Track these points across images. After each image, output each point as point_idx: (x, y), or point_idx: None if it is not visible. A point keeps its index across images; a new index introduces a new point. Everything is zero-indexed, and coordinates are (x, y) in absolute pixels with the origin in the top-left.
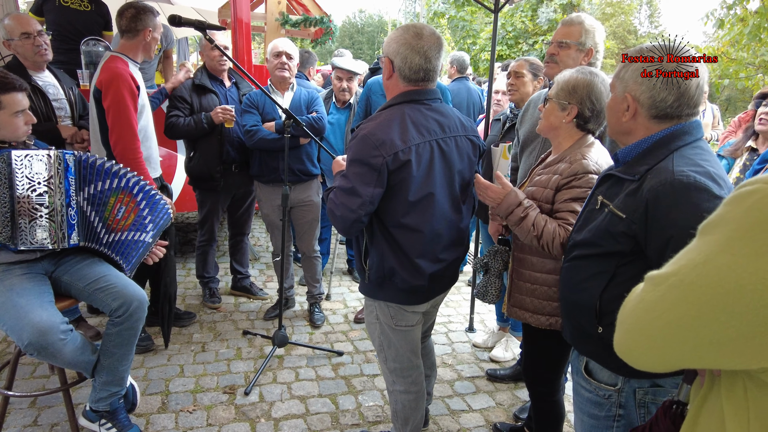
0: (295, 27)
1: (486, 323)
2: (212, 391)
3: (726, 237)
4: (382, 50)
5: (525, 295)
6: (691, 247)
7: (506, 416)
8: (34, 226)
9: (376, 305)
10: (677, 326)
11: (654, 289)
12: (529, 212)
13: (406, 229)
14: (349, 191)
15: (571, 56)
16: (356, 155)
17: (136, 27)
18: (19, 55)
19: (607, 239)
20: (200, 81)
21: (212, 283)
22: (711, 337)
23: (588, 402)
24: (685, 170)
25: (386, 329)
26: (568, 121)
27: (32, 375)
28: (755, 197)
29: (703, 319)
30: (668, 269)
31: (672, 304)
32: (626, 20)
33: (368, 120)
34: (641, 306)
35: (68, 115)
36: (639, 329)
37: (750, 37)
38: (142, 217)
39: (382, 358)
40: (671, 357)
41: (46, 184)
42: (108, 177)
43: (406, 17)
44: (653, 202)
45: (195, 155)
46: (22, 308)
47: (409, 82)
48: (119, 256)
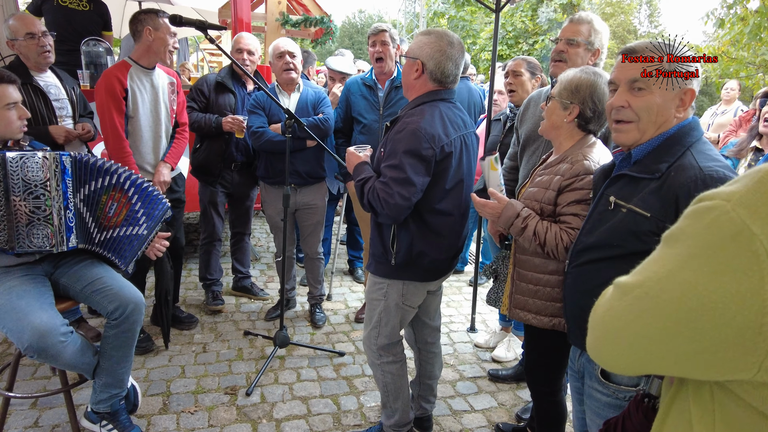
0: (296, 27)
1: (488, 323)
2: (214, 391)
3: (686, 253)
4: (410, 52)
5: (527, 296)
6: (655, 257)
7: (508, 416)
8: (33, 229)
9: (388, 283)
10: (643, 337)
11: (621, 297)
12: (528, 222)
13: (440, 214)
14: (404, 181)
15: (580, 55)
16: (409, 147)
17: (137, 28)
18: (22, 55)
19: (629, 240)
20: (222, 79)
21: (215, 285)
22: (677, 350)
23: (606, 406)
24: (711, 165)
25: (391, 306)
26: (569, 120)
27: (33, 376)
28: (713, 214)
29: (668, 332)
30: (634, 279)
31: (637, 316)
32: (626, 20)
33: (410, 115)
34: (609, 314)
35: (69, 114)
36: (608, 337)
37: (750, 36)
38: (134, 211)
39: (373, 335)
40: (640, 365)
41: (43, 187)
42: (100, 175)
43: (405, 17)
44: (685, 199)
45: (201, 147)
46: (22, 310)
47: (438, 83)
48: (112, 253)
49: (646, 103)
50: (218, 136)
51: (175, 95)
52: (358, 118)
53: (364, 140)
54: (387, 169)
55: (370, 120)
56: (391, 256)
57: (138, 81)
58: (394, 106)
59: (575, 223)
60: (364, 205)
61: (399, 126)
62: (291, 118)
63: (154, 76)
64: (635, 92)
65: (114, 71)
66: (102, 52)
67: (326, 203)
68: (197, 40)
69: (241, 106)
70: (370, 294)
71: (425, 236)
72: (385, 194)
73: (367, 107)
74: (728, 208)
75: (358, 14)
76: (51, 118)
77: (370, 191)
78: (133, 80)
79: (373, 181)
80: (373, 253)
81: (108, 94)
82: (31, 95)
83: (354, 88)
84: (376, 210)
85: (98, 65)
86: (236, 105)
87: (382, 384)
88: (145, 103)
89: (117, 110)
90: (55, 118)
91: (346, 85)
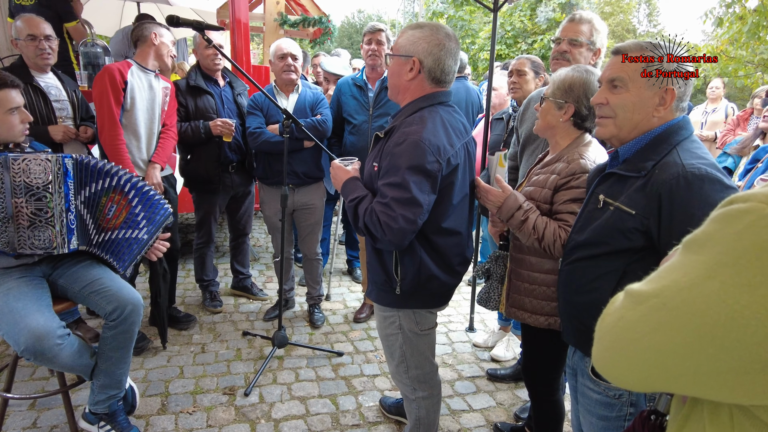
0: (294, 27)
1: (486, 323)
2: (212, 392)
3: (714, 261)
4: (400, 49)
5: (523, 295)
6: (675, 264)
7: (507, 416)
8: (35, 231)
9: (399, 315)
10: (659, 352)
11: (634, 307)
12: (529, 215)
13: (446, 233)
14: (408, 201)
15: (583, 54)
16: (412, 162)
17: (143, 33)
18: (24, 55)
19: (616, 237)
20: (195, 82)
21: (212, 286)
22: (697, 368)
23: (597, 404)
24: (695, 163)
25: (410, 337)
26: (564, 119)
27: (31, 377)
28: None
29: (689, 348)
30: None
31: (653, 328)
32: (625, 19)
33: (408, 124)
34: (621, 324)
35: (70, 116)
36: (618, 349)
37: (749, 35)
38: (134, 214)
39: (402, 369)
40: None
41: (45, 189)
42: (101, 177)
43: (405, 17)
44: (667, 196)
45: (192, 157)
46: (19, 313)
47: (436, 83)
48: (110, 255)
49: (621, 100)
50: (209, 141)
51: (167, 98)
52: (349, 119)
53: (354, 141)
54: (387, 188)
55: (360, 121)
56: (396, 284)
57: (138, 79)
58: (384, 107)
59: (572, 220)
60: (359, 228)
61: (397, 137)
62: (289, 119)
63: (153, 79)
64: (613, 90)
65: (116, 65)
66: (100, 52)
67: (324, 203)
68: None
69: (221, 103)
70: (383, 330)
71: (433, 258)
72: (387, 218)
73: (357, 108)
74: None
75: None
76: (51, 119)
77: (367, 214)
78: (134, 77)
79: (369, 201)
80: (374, 281)
81: (108, 82)
82: (32, 95)
83: (345, 89)
84: (374, 236)
85: (96, 66)
86: (217, 104)
87: (414, 417)
88: (143, 99)
89: (115, 99)
90: (55, 118)
91: (338, 86)
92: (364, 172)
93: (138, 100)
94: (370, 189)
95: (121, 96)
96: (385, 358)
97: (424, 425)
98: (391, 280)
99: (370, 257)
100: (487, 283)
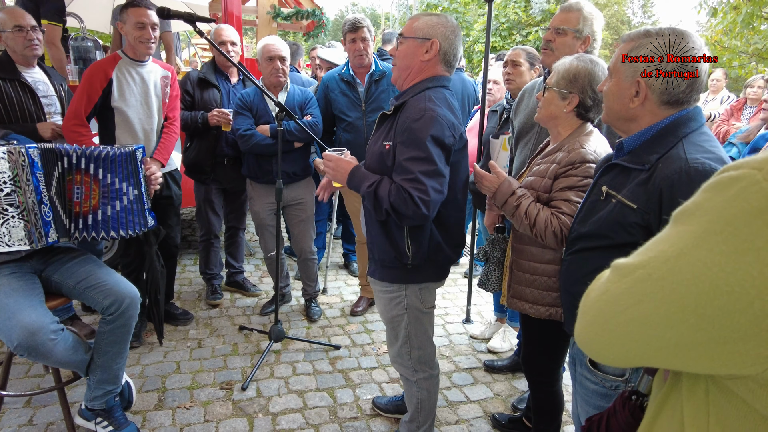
0: (287, 20)
1: (483, 314)
2: (209, 387)
3: (703, 229)
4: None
5: (524, 285)
6: (662, 236)
7: (504, 407)
8: (7, 227)
9: (405, 293)
10: (642, 324)
11: (620, 280)
12: (522, 201)
13: (452, 208)
14: (434, 173)
15: (568, 44)
16: (434, 134)
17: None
18: (9, 48)
19: (617, 231)
20: (204, 75)
21: (215, 279)
22: (678, 339)
23: (594, 394)
24: (699, 158)
25: (416, 315)
26: (569, 110)
27: (27, 374)
28: (739, 185)
29: (671, 319)
30: (637, 259)
31: (637, 299)
32: (619, 10)
33: (420, 101)
34: (604, 297)
35: (58, 111)
36: (601, 322)
37: (743, 25)
38: (107, 186)
39: (405, 350)
40: (634, 354)
41: (12, 182)
42: (60, 159)
43: (399, 10)
44: (668, 192)
45: (191, 146)
46: (10, 309)
47: (447, 66)
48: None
49: (608, 89)
50: (207, 132)
51: (168, 88)
52: (341, 116)
53: (349, 138)
54: (411, 163)
55: (353, 117)
56: (407, 258)
57: (126, 73)
58: (377, 101)
59: (566, 208)
60: (381, 212)
61: (414, 113)
62: (282, 111)
63: (144, 70)
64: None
65: (102, 63)
66: (90, 47)
67: (315, 198)
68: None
69: (226, 99)
70: (388, 312)
71: (440, 229)
72: (420, 192)
73: (348, 104)
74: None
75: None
76: (39, 115)
77: (392, 194)
78: (121, 71)
79: (388, 182)
80: (380, 259)
81: (86, 80)
82: (19, 91)
83: (332, 85)
84: (403, 214)
85: (86, 60)
86: (221, 99)
87: (416, 401)
88: (135, 95)
89: (88, 97)
90: (43, 114)
91: (323, 81)
92: (371, 153)
93: (128, 96)
94: (378, 171)
95: (96, 95)
96: (387, 341)
97: (425, 409)
98: (401, 255)
99: (376, 237)
100: (486, 266)
